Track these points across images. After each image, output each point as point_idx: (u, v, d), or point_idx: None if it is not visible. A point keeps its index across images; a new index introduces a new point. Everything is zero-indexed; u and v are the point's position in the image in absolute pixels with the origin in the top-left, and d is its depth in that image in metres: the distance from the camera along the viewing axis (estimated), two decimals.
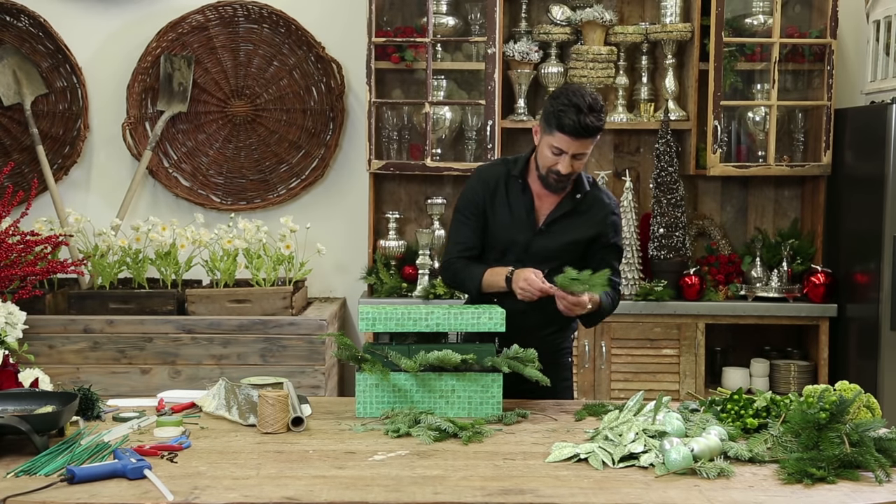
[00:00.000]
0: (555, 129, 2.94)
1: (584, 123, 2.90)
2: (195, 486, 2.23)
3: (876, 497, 2.22)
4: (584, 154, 2.98)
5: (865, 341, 4.35)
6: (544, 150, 3.00)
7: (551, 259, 3.09)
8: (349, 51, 4.83)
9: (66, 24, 4.83)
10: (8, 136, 4.89)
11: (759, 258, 4.74)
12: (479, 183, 3.15)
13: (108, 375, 4.21)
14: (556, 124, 2.93)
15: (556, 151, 2.97)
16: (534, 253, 3.11)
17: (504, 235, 3.13)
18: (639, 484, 2.29)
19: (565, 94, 2.96)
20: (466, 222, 3.16)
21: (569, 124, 2.90)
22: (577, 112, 2.90)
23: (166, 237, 4.37)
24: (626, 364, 4.59)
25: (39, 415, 2.52)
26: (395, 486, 2.25)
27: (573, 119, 2.90)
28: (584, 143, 2.95)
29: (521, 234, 3.11)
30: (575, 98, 2.93)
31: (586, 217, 3.12)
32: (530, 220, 3.11)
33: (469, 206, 3.15)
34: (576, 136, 2.92)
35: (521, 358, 2.88)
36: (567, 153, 2.96)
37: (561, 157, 2.97)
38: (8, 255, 4.06)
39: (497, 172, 3.15)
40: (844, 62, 4.89)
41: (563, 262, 3.04)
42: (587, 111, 2.90)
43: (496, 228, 3.13)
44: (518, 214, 3.11)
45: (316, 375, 4.22)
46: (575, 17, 4.72)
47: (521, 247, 3.12)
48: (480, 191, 3.13)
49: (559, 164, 2.98)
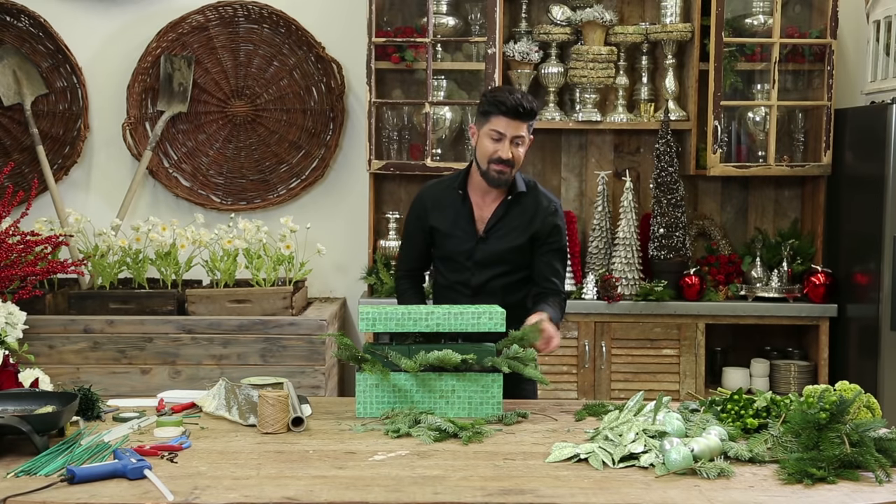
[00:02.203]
0: (492, 114, 3.11)
1: (519, 102, 3.08)
2: (195, 487, 2.23)
3: (876, 497, 2.22)
4: (521, 138, 3.13)
5: (865, 341, 4.35)
6: (484, 142, 3.15)
7: (496, 264, 3.25)
8: (349, 51, 4.83)
9: (66, 24, 4.83)
10: (8, 136, 4.89)
11: (760, 258, 4.74)
12: (419, 202, 3.34)
13: (108, 375, 4.21)
14: (494, 108, 3.10)
15: (495, 136, 3.12)
16: (479, 260, 3.26)
17: (449, 245, 3.29)
18: (639, 484, 2.29)
19: (497, 88, 3.25)
20: (410, 242, 3.39)
21: (505, 104, 3.08)
22: (511, 94, 3.11)
23: (166, 237, 4.37)
24: (626, 364, 4.59)
25: (39, 415, 2.52)
26: (395, 486, 2.25)
27: (509, 100, 3.08)
28: (519, 126, 3.11)
29: (465, 243, 3.26)
30: (507, 88, 3.22)
31: (524, 219, 3.26)
32: (471, 228, 3.26)
33: (411, 226, 3.37)
34: (513, 115, 3.08)
35: (521, 358, 2.88)
36: (506, 136, 3.11)
37: (500, 142, 3.11)
38: (8, 255, 4.06)
39: (437, 188, 3.34)
40: (844, 62, 4.89)
41: (509, 266, 3.24)
42: (520, 95, 3.11)
43: (441, 240, 3.30)
44: (460, 224, 3.27)
45: (316, 375, 4.22)
46: (575, 18, 4.72)
47: (465, 254, 3.28)
48: (422, 210, 3.32)
49: (500, 151, 3.12)
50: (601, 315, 4.56)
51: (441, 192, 3.31)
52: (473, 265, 3.25)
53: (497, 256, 3.25)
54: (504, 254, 3.24)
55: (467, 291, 3.27)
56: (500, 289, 3.26)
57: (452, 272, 3.30)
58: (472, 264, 3.25)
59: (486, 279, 3.26)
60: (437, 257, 3.36)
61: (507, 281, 3.27)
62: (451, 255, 3.29)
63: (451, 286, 3.31)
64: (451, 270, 3.31)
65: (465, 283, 3.28)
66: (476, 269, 3.25)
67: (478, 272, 3.25)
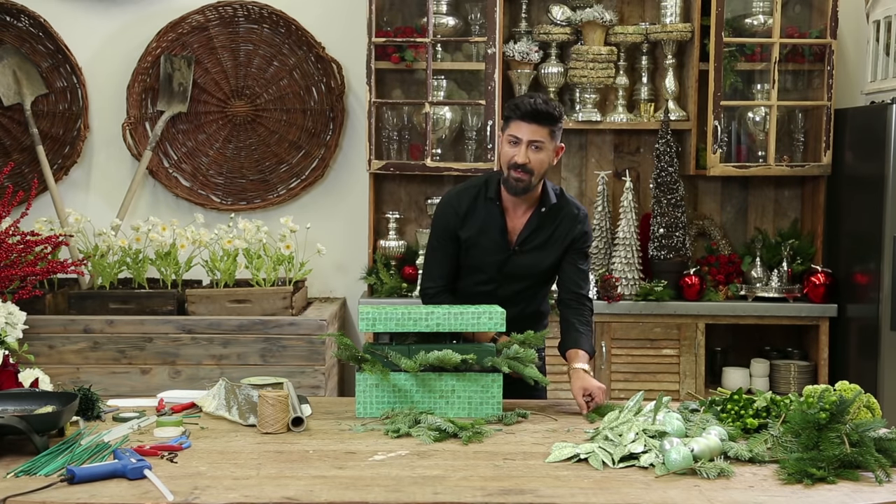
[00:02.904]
0: (511, 118, 3.07)
1: (535, 105, 3.02)
2: (195, 487, 2.23)
3: (876, 497, 2.22)
4: (539, 143, 3.04)
5: (865, 341, 4.35)
6: (504, 147, 3.09)
7: (525, 277, 3.19)
8: (349, 51, 4.83)
9: (66, 24, 4.83)
10: (8, 136, 4.89)
11: (759, 258, 4.74)
12: (448, 210, 3.21)
13: (108, 375, 4.21)
14: (511, 113, 3.07)
15: (512, 140, 3.05)
16: (508, 273, 3.18)
17: (479, 257, 3.19)
18: (639, 484, 2.29)
19: (523, 95, 3.23)
20: (441, 250, 3.22)
21: (522, 107, 3.03)
22: (530, 98, 3.06)
23: (166, 237, 4.37)
24: (626, 364, 4.59)
25: (39, 415, 2.52)
26: (395, 486, 2.25)
27: (526, 102, 3.04)
28: (537, 130, 3.03)
29: (496, 255, 3.17)
30: (532, 94, 3.14)
31: (557, 232, 3.18)
32: (504, 240, 3.17)
33: (440, 236, 3.22)
34: (529, 119, 3.02)
35: (521, 358, 2.88)
36: (522, 140, 3.03)
37: (518, 146, 3.04)
38: (8, 255, 4.06)
39: (467, 196, 3.20)
40: (844, 62, 4.89)
41: (538, 277, 3.18)
42: (540, 100, 3.05)
43: (471, 250, 3.19)
44: (491, 236, 3.17)
45: (316, 375, 4.22)
46: (575, 18, 4.72)
47: (495, 267, 3.19)
48: (451, 217, 3.19)
49: (516, 156, 3.04)
50: (601, 315, 4.55)
51: (471, 201, 3.18)
52: (502, 277, 3.18)
53: (528, 270, 3.18)
54: (535, 267, 3.18)
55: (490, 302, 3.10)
56: (524, 301, 3.20)
57: (477, 283, 3.21)
58: (501, 276, 3.18)
59: (513, 292, 3.19)
60: (462, 265, 3.24)
61: (532, 293, 3.22)
62: (480, 266, 3.20)
63: (472, 296, 3.18)
64: (476, 282, 3.21)
65: (489, 294, 3.18)
66: (504, 281, 3.18)
67: (505, 284, 3.18)
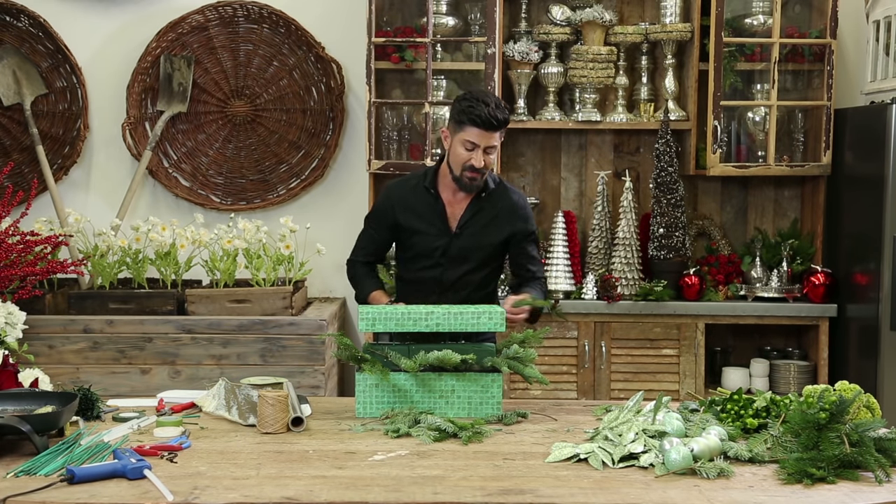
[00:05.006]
0: (466, 124, 3.17)
1: (493, 115, 3.14)
2: (195, 486, 2.23)
3: (876, 497, 2.23)
4: (493, 147, 3.21)
5: (865, 341, 4.35)
6: (457, 149, 3.22)
7: (469, 260, 3.33)
8: (349, 51, 4.83)
9: (66, 24, 4.83)
10: (8, 136, 4.89)
11: (759, 258, 4.74)
12: (387, 199, 3.39)
13: (108, 375, 4.21)
14: (468, 119, 3.16)
15: (468, 146, 3.19)
16: (452, 256, 3.32)
17: (421, 243, 3.34)
18: (639, 484, 2.29)
19: (471, 94, 3.23)
20: (372, 233, 3.43)
21: (479, 117, 3.14)
22: (486, 106, 3.15)
23: (166, 237, 4.37)
24: (626, 364, 4.59)
25: (39, 415, 2.52)
26: (395, 486, 2.25)
27: (483, 112, 3.14)
28: (492, 136, 3.18)
29: (438, 239, 3.32)
30: (481, 96, 3.20)
31: (498, 216, 3.34)
32: (444, 225, 3.33)
33: (376, 219, 3.42)
34: (486, 127, 3.15)
35: (521, 358, 2.88)
36: (479, 146, 3.18)
37: (474, 151, 3.18)
38: (8, 255, 4.06)
39: (404, 187, 3.39)
40: (844, 62, 4.89)
41: (480, 262, 3.31)
42: (494, 106, 3.16)
43: (411, 237, 3.34)
44: (432, 222, 3.33)
45: (316, 375, 4.22)
46: (575, 18, 4.72)
47: (439, 251, 3.34)
48: (389, 207, 3.37)
49: (473, 159, 3.19)
50: (601, 315, 4.56)
51: (409, 191, 3.37)
52: (447, 261, 3.32)
53: (471, 252, 3.33)
54: (478, 249, 3.34)
55: (437, 288, 3.34)
56: (470, 284, 3.34)
57: (423, 269, 3.36)
58: (446, 260, 3.32)
59: (458, 275, 3.34)
60: (405, 255, 3.42)
61: (477, 276, 3.36)
62: (423, 252, 3.35)
63: (420, 282, 3.37)
64: (422, 268, 3.37)
65: (436, 280, 3.35)
66: (449, 265, 3.33)
67: (451, 268, 3.33)
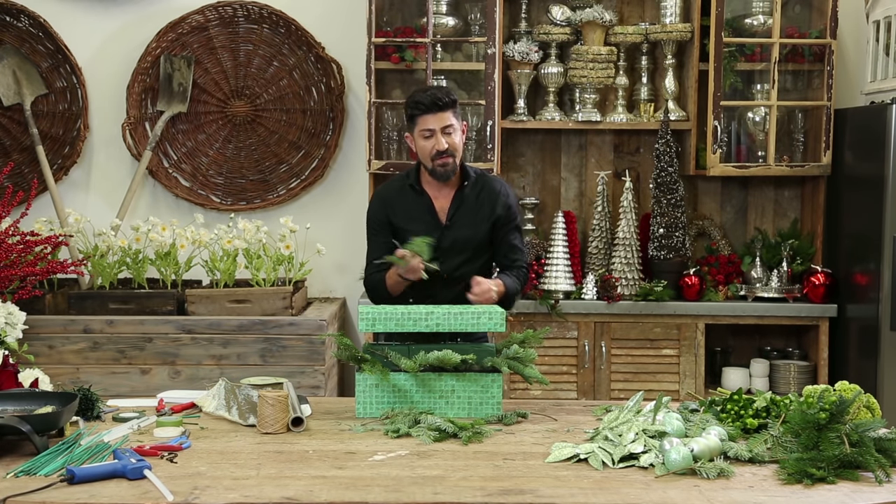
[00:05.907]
0: (416, 116, 3.33)
1: (434, 95, 3.30)
2: (195, 487, 2.23)
3: (876, 497, 2.23)
4: (450, 127, 3.32)
5: (865, 341, 4.35)
6: (420, 143, 3.35)
7: (463, 250, 3.42)
8: (349, 51, 4.83)
9: (66, 24, 4.83)
10: (8, 136, 4.89)
11: (759, 258, 4.74)
12: (378, 201, 3.52)
13: (108, 375, 4.21)
14: (416, 111, 3.32)
15: (426, 134, 3.33)
16: (445, 247, 3.39)
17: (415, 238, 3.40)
18: (639, 484, 2.29)
19: (414, 92, 3.43)
20: (377, 239, 3.49)
21: (423, 102, 3.31)
22: (425, 93, 3.34)
23: (166, 237, 4.37)
24: (626, 364, 4.59)
25: (39, 415, 2.52)
26: (395, 486, 2.25)
27: (424, 98, 3.31)
28: (444, 116, 3.31)
29: (429, 233, 3.37)
30: (421, 89, 3.45)
31: (482, 205, 3.44)
32: (434, 219, 3.43)
33: (375, 225, 3.51)
34: (433, 109, 3.30)
35: (521, 358, 2.88)
36: (436, 130, 3.31)
37: (432, 137, 3.32)
38: (8, 256, 4.06)
39: (392, 187, 3.51)
40: (844, 62, 4.89)
41: (474, 250, 3.43)
42: (434, 90, 3.34)
43: (407, 236, 3.38)
44: (421, 217, 3.43)
45: (316, 375, 4.22)
46: (575, 18, 4.72)
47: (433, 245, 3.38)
48: (381, 207, 3.48)
49: (436, 145, 3.31)
50: (601, 315, 4.56)
51: (396, 192, 3.48)
52: (442, 254, 3.36)
53: (463, 241, 3.41)
54: (470, 238, 3.41)
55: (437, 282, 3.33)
56: (468, 275, 3.36)
57: None
58: (440, 253, 3.36)
59: (454, 266, 3.38)
60: None
61: (473, 267, 3.41)
62: None
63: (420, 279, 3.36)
64: None
65: None
66: (445, 258, 3.36)
67: (447, 259, 3.37)
